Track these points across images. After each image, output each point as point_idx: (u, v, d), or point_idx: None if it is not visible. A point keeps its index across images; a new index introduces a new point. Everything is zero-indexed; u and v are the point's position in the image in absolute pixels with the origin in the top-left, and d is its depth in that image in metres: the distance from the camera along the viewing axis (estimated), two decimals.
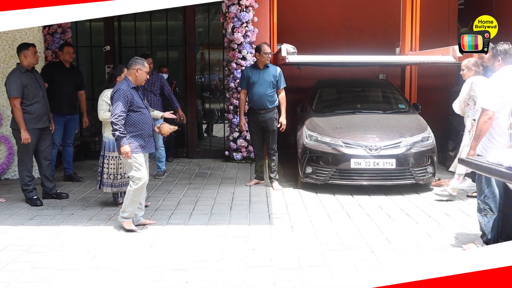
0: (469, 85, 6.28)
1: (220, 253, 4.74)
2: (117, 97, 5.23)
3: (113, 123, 5.18)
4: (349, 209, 6.20)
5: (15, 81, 6.27)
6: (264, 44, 7.15)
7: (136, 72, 5.38)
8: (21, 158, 6.49)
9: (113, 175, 6.10)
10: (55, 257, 4.66)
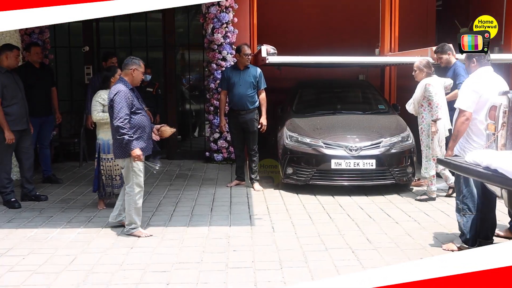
0: (423, 86, 6.39)
1: (201, 254, 4.72)
2: (119, 99, 5.06)
3: (120, 127, 5.00)
4: (330, 209, 6.23)
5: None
6: (244, 45, 7.15)
7: (132, 72, 5.26)
8: (0, 160, 6.39)
9: (110, 177, 6.02)
10: (33, 260, 4.60)
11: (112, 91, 5.16)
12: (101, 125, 5.97)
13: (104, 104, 5.87)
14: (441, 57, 6.84)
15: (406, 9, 9.53)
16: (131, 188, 5.19)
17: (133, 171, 5.17)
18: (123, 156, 5.16)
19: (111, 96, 5.13)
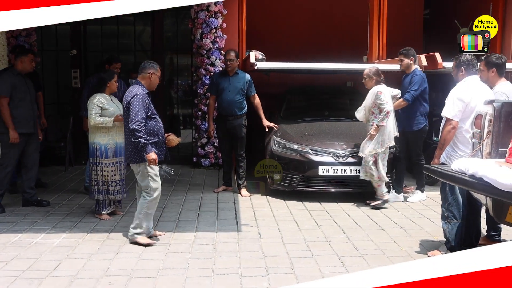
0: (375, 94, 6.49)
1: (187, 260, 4.70)
2: (136, 102, 4.96)
3: (136, 130, 4.89)
4: (317, 216, 6.24)
5: (5, 80, 6.19)
6: (230, 51, 7.18)
7: (150, 76, 5.18)
8: (4, 163, 6.33)
9: (108, 183, 5.88)
10: (17, 265, 4.55)
11: (129, 94, 5.05)
12: (97, 129, 5.82)
13: (103, 107, 5.78)
14: (402, 60, 6.86)
15: (394, 17, 9.59)
16: (149, 194, 5.09)
17: (149, 176, 5.08)
18: (138, 161, 5.06)
19: (128, 98, 5.02)
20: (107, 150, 5.83)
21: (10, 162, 6.36)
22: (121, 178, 5.96)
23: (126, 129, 5.14)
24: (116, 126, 5.84)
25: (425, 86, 6.79)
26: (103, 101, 5.82)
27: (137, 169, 5.11)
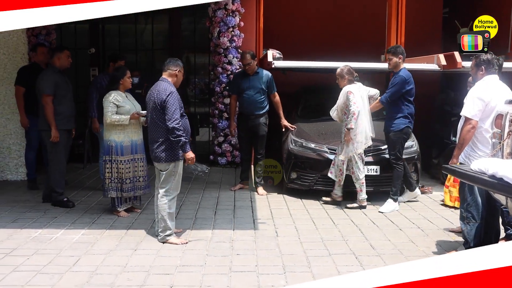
0: (345, 94, 6.45)
1: (204, 257, 4.73)
2: (173, 100, 4.93)
3: (176, 129, 4.87)
4: (334, 215, 6.23)
5: (48, 79, 6.29)
6: (247, 54, 7.18)
7: (177, 73, 5.19)
8: (53, 159, 6.43)
9: (123, 180, 5.89)
10: (37, 260, 4.62)
11: (162, 92, 4.99)
12: (113, 127, 5.82)
13: (118, 105, 5.80)
14: (391, 59, 6.58)
15: (413, 15, 9.53)
16: (167, 192, 5.09)
17: (177, 174, 5.09)
18: (170, 159, 5.04)
19: (163, 97, 4.95)
20: (122, 148, 5.85)
21: (60, 157, 6.45)
22: (134, 175, 5.97)
23: (154, 127, 5.09)
24: (132, 124, 5.87)
25: (409, 88, 6.43)
26: (119, 98, 5.85)
27: (165, 168, 5.07)
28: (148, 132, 5.24)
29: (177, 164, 5.10)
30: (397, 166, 6.52)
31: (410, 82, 6.50)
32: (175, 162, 5.06)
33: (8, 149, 7.85)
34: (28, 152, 7.41)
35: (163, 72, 5.22)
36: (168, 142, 5.01)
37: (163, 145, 5.02)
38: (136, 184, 6.01)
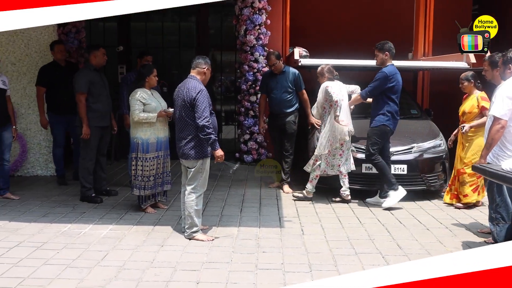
0: (323, 89, 6.55)
1: (230, 254, 4.75)
2: (202, 98, 4.96)
3: (206, 127, 4.89)
4: (360, 214, 6.20)
5: (83, 77, 6.40)
6: (269, 55, 7.24)
7: (205, 71, 5.21)
8: (83, 155, 6.54)
9: (147, 177, 5.91)
10: (67, 254, 4.70)
11: (192, 89, 5.01)
12: (140, 124, 5.85)
13: (145, 102, 5.84)
14: (377, 55, 6.56)
15: (441, 12, 9.40)
16: (195, 190, 5.11)
17: (205, 171, 5.13)
18: (199, 157, 5.07)
19: (192, 94, 4.98)
20: (148, 145, 5.88)
21: (91, 155, 6.55)
22: (157, 172, 6.00)
23: (183, 125, 5.11)
24: (158, 121, 5.91)
25: (391, 85, 6.37)
26: (145, 96, 5.88)
27: (193, 165, 5.09)
28: (176, 129, 5.26)
29: (205, 162, 5.13)
30: (374, 160, 6.47)
31: (394, 79, 6.40)
32: (203, 159, 5.09)
33: (38, 145, 8.01)
34: (55, 149, 7.54)
35: (191, 70, 5.24)
36: (196, 140, 5.04)
37: (192, 142, 5.05)
38: (158, 180, 6.05)
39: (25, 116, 7.88)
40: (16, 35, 7.75)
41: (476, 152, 6.22)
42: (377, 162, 6.45)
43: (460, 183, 6.44)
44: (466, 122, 6.42)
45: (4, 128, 6.55)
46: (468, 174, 6.34)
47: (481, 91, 6.43)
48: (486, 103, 6.24)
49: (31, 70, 7.84)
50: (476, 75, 6.47)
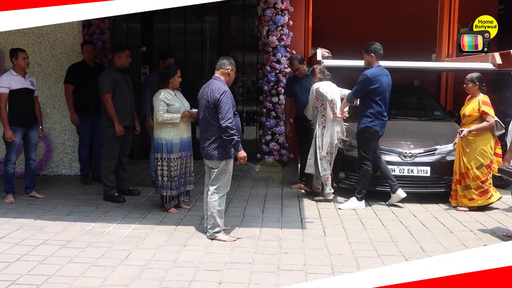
0: (314, 90, 6.64)
1: (252, 255, 4.76)
2: (226, 99, 4.96)
3: (229, 128, 4.90)
4: (382, 216, 6.15)
5: (108, 77, 6.50)
6: (292, 60, 7.35)
7: (229, 72, 5.21)
8: (107, 154, 6.62)
9: (171, 178, 5.92)
10: (91, 253, 4.76)
11: (216, 90, 5.02)
12: (163, 125, 5.88)
13: (168, 103, 5.87)
14: (364, 56, 6.55)
15: (466, 13, 9.29)
16: (218, 190, 5.13)
17: (228, 172, 5.14)
18: (222, 157, 5.08)
19: (216, 95, 4.98)
20: (172, 145, 5.90)
21: (114, 154, 6.62)
22: (180, 172, 6.02)
23: (207, 125, 5.12)
24: (182, 121, 5.94)
25: (373, 87, 6.33)
26: (168, 96, 5.91)
27: (217, 165, 5.11)
28: (200, 129, 5.28)
29: (228, 162, 5.14)
30: (364, 165, 6.45)
31: (376, 81, 6.36)
32: (226, 160, 5.10)
33: (63, 144, 8.13)
34: (81, 148, 7.66)
35: (215, 71, 5.25)
36: (220, 140, 5.06)
37: (215, 143, 5.07)
38: (181, 180, 6.08)
39: (50, 116, 8.00)
40: (42, 37, 7.88)
41: (477, 157, 6.24)
42: (365, 168, 6.45)
43: (464, 187, 6.38)
44: (466, 125, 6.39)
45: (31, 128, 6.65)
46: (471, 178, 6.31)
47: (484, 95, 6.39)
48: (487, 108, 6.23)
49: (57, 71, 7.97)
50: (483, 77, 6.42)
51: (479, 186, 6.31)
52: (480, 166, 6.28)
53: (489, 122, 6.23)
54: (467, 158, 6.32)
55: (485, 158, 6.29)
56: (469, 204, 6.37)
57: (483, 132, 6.28)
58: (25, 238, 5.12)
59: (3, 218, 5.79)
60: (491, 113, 6.25)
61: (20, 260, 4.55)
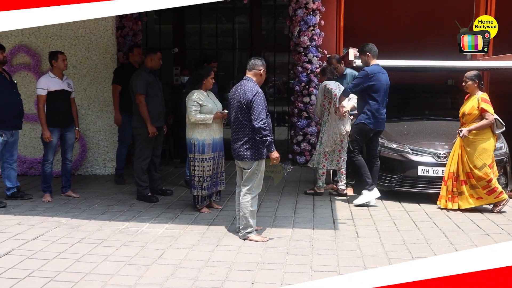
0: (322, 88, 6.87)
1: (285, 256, 4.75)
2: (259, 100, 4.97)
3: (262, 129, 4.91)
4: (416, 217, 6.07)
5: (141, 79, 6.59)
6: (330, 59, 7.40)
7: (261, 73, 5.23)
8: (139, 155, 6.73)
9: (204, 178, 5.96)
10: (125, 252, 4.82)
11: (248, 91, 5.01)
12: (196, 125, 5.92)
13: (201, 104, 5.91)
14: (360, 58, 6.74)
15: (503, 9, 9.09)
16: (250, 191, 5.14)
17: (260, 173, 5.15)
18: (255, 158, 5.08)
19: (249, 96, 4.99)
20: (204, 146, 5.93)
21: (147, 154, 6.72)
22: (213, 172, 6.05)
23: (238, 126, 5.12)
24: (214, 122, 5.98)
25: (371, 84, 6.42)
26: (201, 97, 5.95)
27: (249, 166, 5.11)
28: (231, 130, 5.29)
29: (260, 163, 5.15)
30: (354, 158, 6.61)
31: (375, 78, 6.45)
32: (258, 160, 5.11)
33: (97, 145, 8.27)
34: (121, 149, 7.79)
35: (247, 71, 5.24)
36: (252, 141, 5.07)
37: (247, 144, 5.08)
38: (213, 180, 6.11)
39: (84, 116, 8.16)
40: (78, 39, 8.04)
41: (480, 155, 6.21)
42: (355, 160, 6.59)
43: (471, 186, 6.32)
44: (466, 124, 6.33)
45: (68, 129, 6.79)
46: (476, 178, 6.26)
47: (483, 92, 6.36)
48: (486, 105, 6.19)
49: (91, 73, 8.12)
50: (481, 75, 6.38)
51: (486, 185, 6.26)
52: (482, 166, 6.26)
53: (488, 119, 6.20)
54: (469, 158, 6.28)
55: (487, 158, 6.25)
56: (479, 203, 6.34)
57: (484, 130, 6.26)
58: (62, 236, 5.24)
59: (41, 217, 5.93)
60: (491, 110, 6.23)
61: (58, 257, 4.65)
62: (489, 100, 6.33)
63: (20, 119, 6.62)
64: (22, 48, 8.02)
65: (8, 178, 6.67)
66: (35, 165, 8.08)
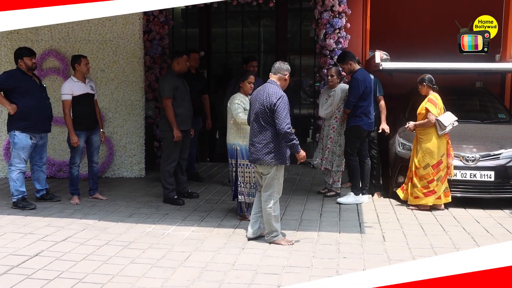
0: (345, 89, 6.94)
1: (311, 259, 4.74)
2: (284, 104, 4.94)
3: (288, 133, 4.90)
4: (443, 221, 5.99)
5: (168, 83, 6.66)
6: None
7: (286, 77, 5.21)
8: (166, 158, 6.78)
9: (244, 184, 5.82)
10: (152, 254, 4.87)
11: (272, 95, 4.98)
12: (238, 131, 5.85)
13: (245, 108, 5.86)
14: (342, 68, 7.05)
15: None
16: (271, 196, 5.10)
17: (280, 177, 5.13)
18: (278, 163, 5.04)
19: (273, 100, 4.94)
20: (246, 151, 5.68)
21: (174, 157, 6.76)
22: None
23: (259, 129, 5.07)
24: None
25: (365, 87, 6.67)
26: (244, 101, 5.93)
27: (268, 171, 5.07)
28: (250, 133, 5.23)
29: (280, 168, 5.11)
30: (350, 161, 6.86)
31: (366, 81, 6.72)
32: (278, 165, 5.07)
33: (124, 147, 8.37)
34: None
35: (272, 74, 5.21)
36: (272, 145, 5.01)
37: (267, 148, 5.02)
38: None
39: (112, 120, 8.26)
40: (106, 43, 8.16)
41: (424, 155, 6.38)
42: (351, 163, 6.85)
43: (412, 184, 6.49)
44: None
45: (93, 131, 6.89)
46: (419, 177, 6.42)
47: (434, 93, 6.59)
48: (430, 106, 6.45)
49: (118, 76, 8.22)
50: (432, 78, 6.66)
51: (425, 186, 6.38)
52: (426, 166, 6.39)
53: (428, 119, 6.40)
54: (416, 156, 6.49)
55: (431, 158, 6.36)
56: (414, 202, 6.48)
57: (427, 130, 6.46)
58: (90, 238, 5.31)
59: (70, 219, 6.02)
60: (433, 111, 6.41)
61: (86, 259, 4.73)
62: (439, 101, 6.53)
63: (49, 123, 6.73)
64: (52, 53, 8.16)
65: (37, 180, 6.80)
66: (64, 168, 8.21)
